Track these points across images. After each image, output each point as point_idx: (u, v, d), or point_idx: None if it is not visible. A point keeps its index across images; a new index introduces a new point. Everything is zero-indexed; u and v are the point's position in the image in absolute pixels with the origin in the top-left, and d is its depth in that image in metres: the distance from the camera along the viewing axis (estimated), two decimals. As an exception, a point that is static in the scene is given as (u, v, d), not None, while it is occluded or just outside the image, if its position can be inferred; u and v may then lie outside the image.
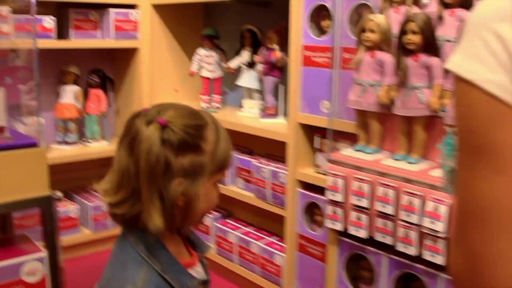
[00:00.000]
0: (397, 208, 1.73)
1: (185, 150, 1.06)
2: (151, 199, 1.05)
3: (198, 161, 1.07)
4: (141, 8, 3.05)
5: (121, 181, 1.08)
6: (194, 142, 1.07)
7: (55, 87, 3.11)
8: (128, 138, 1.08)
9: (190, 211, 1.10)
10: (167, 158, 1.04)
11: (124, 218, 1.10)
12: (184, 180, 1.06)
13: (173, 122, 1.06)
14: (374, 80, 1.82)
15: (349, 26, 2.07)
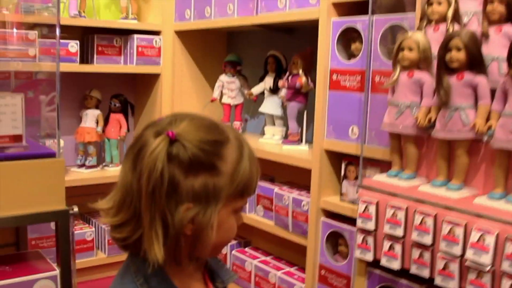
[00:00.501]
0: (436, 237, 1.51)
1: (197, 170, 0.84)
2: (152, 224, 0.84)
3: (213, 184, 0.86)
4: (164, 34, 2.89)
5: (123, 200, 0.88)
6: (209, 160, 0.85)
7: (77, 111, 2.94)
8: (134, 150, 0.88)
9: (200, 242, 0.88)
10: (174, 178, 0.83)
11: (125, 244, 0.90)
12: (194, 206, 0.85)
13: (185, 135, 0.85)
14: (411, 101, 1.61)
15: (381, 48, 1.89)
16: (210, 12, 2.65)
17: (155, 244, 0.83)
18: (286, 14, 2.25)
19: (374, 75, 1.90)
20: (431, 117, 1.56)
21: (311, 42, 2.34)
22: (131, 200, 0.86)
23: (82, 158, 2.89)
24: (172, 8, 2.89)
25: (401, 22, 1.82)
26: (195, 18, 2.75)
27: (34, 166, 1.76)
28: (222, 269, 1.04)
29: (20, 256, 2.03)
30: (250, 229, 2.63)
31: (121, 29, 2.85)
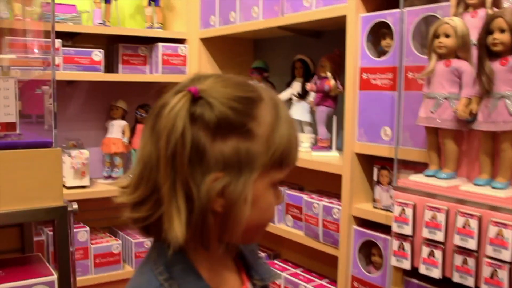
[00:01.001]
0: (481, 242, 1.33)
1: (227, 132, 0.70)
2: (173, 196, 0.69)
3: (246, 149, 0.71)
4: (190, 42, 2.79)
5: (142, 174, 0.73)
6: (241, 120, 0.71)
7: (103, 122, 2.86)
8: (152, 115, 0.74)
9: (232, 220, 0.72)
10: (199, 142, 0.69)
11: (145, 225, 0.75)
12: (224, 175, 0.70)
13: (210, 92, 0.71)
14: (449, 92, 1.45)
15: (413, 43, 1.73)
16: (235, 17, 2.54)
17: (176, 220, 0.69)
18: (312, 13, 2.12)
19: (407, 71, 1.75)
20: (472, 109, 1.39)
21: (339, 45, 2.19)
22: (150, 173, 0.72)
23: (108, 170, 2.80)
24: (197, 16, 2.79)
25: (435, 13, 1.66)
26: (220, 24, 2.64)
27: (27, 157, 1.57)
28: (262, 266, 0.88)
29: (17, 260, 1.84)
30: (279, 240, 2.47)
31: (146, 38, 2.76)
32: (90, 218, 2.84)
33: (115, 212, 2.42)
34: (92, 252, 2.57)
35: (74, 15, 2.58)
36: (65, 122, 2.79)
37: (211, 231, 0.73)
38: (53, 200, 1.60)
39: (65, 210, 1.62)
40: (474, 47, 1.43)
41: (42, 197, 1.58)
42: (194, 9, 2.79)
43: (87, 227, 2.57)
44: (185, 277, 0.74)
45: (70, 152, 2.55)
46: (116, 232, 2.86)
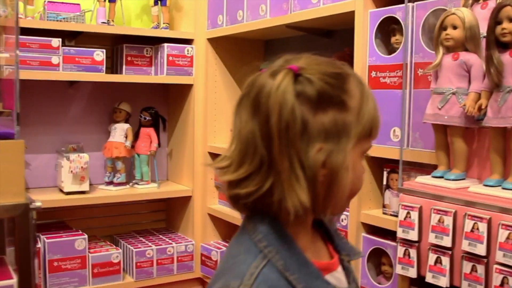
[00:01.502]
0: (491, 247, 1.29)
1: (326, 105, 0.79)
2: (291, 167, 0.78)
3: (343, 120, 0.80)
4: (196, 42, 2.80)
5: (245, 152, 0.81)
6: (337, 94, 0.80)
7: (105, 126, 2.87)
8: (250, 96, 0.81)
9: (335, 189, 0.81)
10: (303, 116, 0.77)
11: (249, 200, 0.81)
12: (325, 146, 0.79)
13: (308, 68, 0.79)
14: (457, 87, 1.42)
15: (423, 39, 1.70)
16: (242, 16, 2.54)
17: (297, 187, 0.77)
18: (320, 9, 2.11)
19: (416, 68, 1.72)
20: (481, 104, 1.36)
21: (350, 44, 2.17)
22: (255, 150, 0.80)
23: (110, 175, 2.80)
24: (204, 15, 2.80)
25: (445, 6, 1.64)
26: (228, 23, 2.64)
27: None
28: (346, 244, 0.95)
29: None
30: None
31: (152, 39, 2.78)
32: (90, 225, 2.85)
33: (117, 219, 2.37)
34: (90, 261, 2.57)
35: (77, 14, 2.61)
36: (65, 124, 2.81)
37: (319, 201, 0.81)
38: (13, 196, 1.55)
39: (27, 208, 1.57)
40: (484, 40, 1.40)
41: (1, 193, 1.54)
42: (202, 9, 2.80)
43: (85, 235, 2.56)
44: (282, 244, 0.81)
45: (68, 156, 2.56)
46: (117, 241, 2.86)
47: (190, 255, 2.82)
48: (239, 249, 0.83)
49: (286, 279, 0.78)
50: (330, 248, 0.92)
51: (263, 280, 0.77)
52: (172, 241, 2.85)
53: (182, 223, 2.97)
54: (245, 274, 0.78)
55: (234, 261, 0.82)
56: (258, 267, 0.78)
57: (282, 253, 0.80)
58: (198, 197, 2.84)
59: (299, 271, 0.80)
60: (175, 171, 3.04)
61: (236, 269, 0.80)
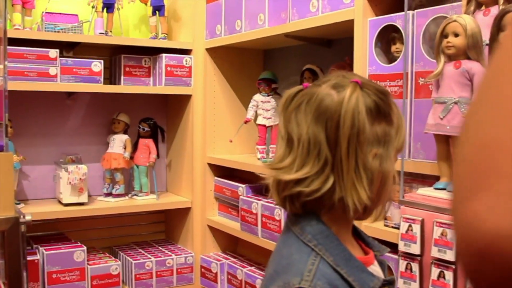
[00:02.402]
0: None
1: (379, 117, 0.90)
2: (356, 168, 0.87)
3: (389, 132, 0.91)
4: (195, 52, 2.76)
5: (307, 153, 0.89)
6: (387, 109, 0.91)
7: (104, 137, 2.82)
8: (312, 105, 0.90)
9: (383, 192, 0.92)
10: (365, 124, 0.87)
11: (310, 198, 0.89)
12: (378, 151, 0.89)
13: (366, 84, 0.90)
14: (459, 96, 1.37)
15: (424, 47, 1.66)
16: (241, 25, 2.50)
17: (359, 186, 0.86)
18: (319, 18, 2.06)
19: (417, 77, 1.67)
20: (484, 114, 1.30)
21: (350, 53, 2.13)
22: (319, 151, 0.88)
23: (109, 186, 2.75)
24: (203, 25, 2.76)
25: (446, 13, 1.59)
26: (226, 33, 2.60)
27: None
28: (373, 241, 1.03)
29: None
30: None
31: (150, 49, 2.74)
32: (89, 237, 2.80)
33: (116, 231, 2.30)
34: (89, 273, 2.51)
35: (75, 25, 2.57)
36: (64, 135, 2.77)
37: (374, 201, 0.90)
38: (3, 209, 1.50)
39: (17, 221, 1.51)
40: (487, 47, 1.35)
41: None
42: (200, 19, 2.76)
43: (84, 247, 2.51)
44: (329, 243, 0.89)
45: (67, 167, 2.52)
46: (116, 253, 2.81)
47: (189, 267, 2.77)
48: (290, 250, 0.90)
49: (338, 273, 0.86)
50: (362, 245, 1.00)
51: (321, 275, 0.85)
52: (171, 253, 2.79)
53: (182, 234, 2.92)
54: (303, 271, 0.85)
55: (288, 261, 0.89)
56: (314, 264, 0.86)
57: (330, 251, 0.88)
58: (197, 208, 2.78)
59: (347, 266, 0.88)
60: (174, 182, 2.99)
61: (293, 268, 0.87)
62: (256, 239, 2.41)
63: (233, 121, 2.81)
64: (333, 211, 0.90)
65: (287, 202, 0.92)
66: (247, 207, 2.45)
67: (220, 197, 2.77)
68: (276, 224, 2.29)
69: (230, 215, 2.72)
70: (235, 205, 2.63)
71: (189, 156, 2.81)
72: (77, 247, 2.52)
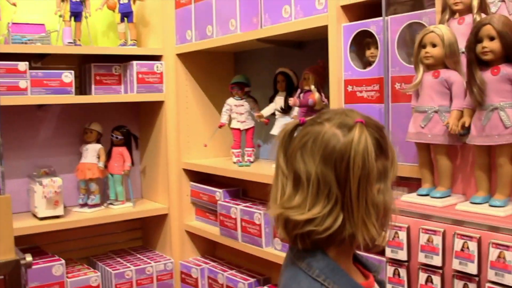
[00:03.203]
0: (482, 265, 1.27)
1: (380, 154, 0.93)
2: (366, 206, 0.89)
3: (386, 166, 0.94)
4: (166, 58, 2.73)
5: (316, 193, 0.91)
6: (385, 145, 0.94)
7: (77, 147, 2.77)
8: (318, 146, 0.91)
9: (387, 222, 0.96)
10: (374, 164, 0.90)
11: (323, 236, 0.91)
12: (380, 187, 0.92)
13: (367, 122, 0.92)
14: (439, 105, 1.39)
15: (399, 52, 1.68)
16: (212, 31, 2.48)
17: (369, 223, 0.89)
18: (292, 24, 2.07)
19: (394, 82, 1.70)
20: (464, 122, 1.34)
21: (322, 55, 2.14)
22: (329, 191, 0.90)
23: (84, 197, 2.71)
24: (172, 31, 2.73)
25: (420, 20, 1.62)
26: (197, 38, 2.58)
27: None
28: (368, 261, 1.05)
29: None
30: (268, 265, 2.40)
31: (119, 57, 2.70)
32: (66, 249, 2.75)
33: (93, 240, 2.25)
34: (68, 287, 2.48)
35: (42, 35, 2.51)
36: (36, 148, 2.71)
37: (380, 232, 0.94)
38: (2, 253, 1.46)
39: (17, 264, 1.47)
40: (463, 55, 1.38)
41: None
42: (169, 24, 2.73)
43: (62, 260, 2.47)
44: (336, 275, 0.92)
45: (41, 181, 2.46)
46: (94, 263, 2.77)
47: (169, 273, 2.76)
48: (300, 286, 0.93)
49: None
50: (361, 268, 1.03)
51: None
52: (150, 260, 2.77)
53: (160, 241, 2.90)
54: None
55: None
56: None
57: (338, 283, 0.91)
58: (174, 214, 2.77)
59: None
60: (150, 189, 2.96)
61: None
62: (236, 243, 2.42)
63: (206, 125, 2.80)
64: (342, 246, 0.93)
65: (298, 240, 0.93)
66: (226, 212, 2.45)
67: (197, 202, 2.76)
68: (256, 228, 2.30)
69: (208, 220, 2.71)
70: (212, 210, 2.63)
71: (164, 162, 2.79)
72: (55, 260, 2.48)
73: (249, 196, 2.64)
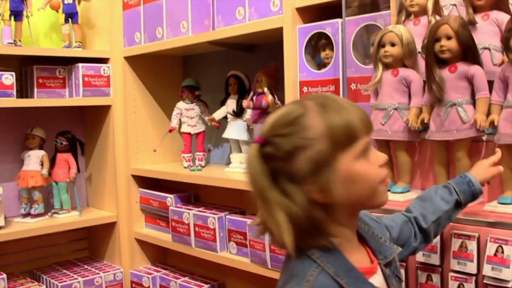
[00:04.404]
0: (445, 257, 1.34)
1: (294, 154, 0.92)
2: (272, 214, 0.92)
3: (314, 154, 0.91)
4: (113, 61, 2.70)
5: None
6: (297, 140, 0.92)
7: (18, 154, 2.68)
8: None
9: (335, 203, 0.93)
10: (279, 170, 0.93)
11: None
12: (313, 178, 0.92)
13: (266, 133, 0.95)
14: (399, 102, 1.46)
15: (354, 53, 1.75)
16: (162, 33, 2.48)
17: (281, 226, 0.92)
18: (246, 26, 2.10)
19: (350, 82, 1.76)
20: (423, 118, 1.41)
21: (274, 58, 2.19)
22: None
23: (26, 206, 2.62)
24: (120, 33, 2.70)
25: (375, 22, 1.69)
26: (146, 41, 2.57)
27: None
28: (383, 244, 1.06)
29: None
30: (223, 270, 2.41)
31: (64, 59, 2.64)
32: (6, 262, 2.65)
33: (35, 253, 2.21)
34: (12, 302, 2.40)
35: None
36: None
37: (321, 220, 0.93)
38: None
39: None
40: (419, 55, 1.46)
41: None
42: (117, 26, 2.70)
43: (3, 274, 2.38)
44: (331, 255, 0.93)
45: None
46: (38, 276, 2.69)
47: (119, 283, 2.71)
48: (295, 261, 0.94)
49: (338, 284, 0.91)
50: (370, 252, 1.04)
51: (319, 285, 0.90)
52: (98, 270, 2.72)
53: (108, 250, 2.85)
54: (301, 278, 0.91)
55: (292, 272, 0.94)
56: (313, 274, 0.91)
57: (332, 262, 0.92)
58: (123, 222, 2.73)
59: (347, 276, 0.92)
60: (96, 196, 2.91)
61: (295, 278, 0.92)
62: (189, 249, 2.41)
63: (155, 130, 2.79)
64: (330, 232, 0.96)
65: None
66: (178, 217, 2.44)
67: (146, 209, 2.74)
68: (210, 233, 2.30)
69: (158, 227, 2.70)
70: (163, 216, 2.62)
71: (111, 168, 2.75)
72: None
73: (201, 201, 2.64)
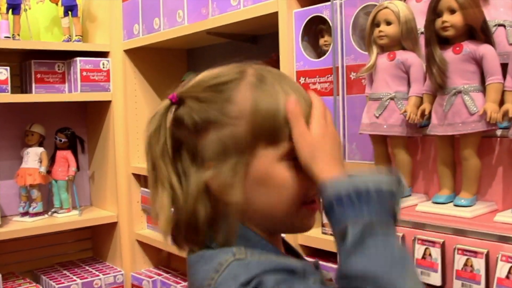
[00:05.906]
0: (447, 275, 1.08)
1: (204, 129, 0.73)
2: (157, 191, 0.78)
3: (227, 137, 0.71)
4: (112, 55, 2.51)
5: None
6: (213, 113, 0.72)
7: (17, 151, 2.52)
8: None
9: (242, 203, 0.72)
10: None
11: None
12: (216, 163, 0.72)
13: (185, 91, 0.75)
14: (395, 91, 1.20)
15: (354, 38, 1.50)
16: (159, 24, 2.27)
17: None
18: (241, 12, 1.87)
19: (349, 71, 1.51)
20: (424, 109, 1.15)
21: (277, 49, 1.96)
22: None
23: (25, 205, 2.46)
24: (120, 26, 2.51)
25: (376, 2, 1.43)
26: (144, 32, 2.36)
27: None
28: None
29: None
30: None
31: (64, 53, 2.47)
32: (6, 261, 2.50)
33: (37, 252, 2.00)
34: (5, 304, 2.23)
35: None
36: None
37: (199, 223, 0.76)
38: None
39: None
40: (422, 36, 1.20)
41: None
42: (117, 18, 2.51)
43: (-1, 274, 2.23)
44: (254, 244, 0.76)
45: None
46: (38, 277, 2.53)
47: (120, 286, 2.52)
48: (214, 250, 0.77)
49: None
50: None
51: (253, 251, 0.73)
52: (99, 272, 2.54)
53: (110, 251, 2.66)
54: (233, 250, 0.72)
55: (211, 253, 0.75)
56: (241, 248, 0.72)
57: (255, 249, 0.73)
58: (124, 222, 2.54)
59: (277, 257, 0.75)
60: (99, 195, 2.72)
61: (220, 253, 0.73)
62: (189, 252, 2.20)
63: (158, 126, 2.58)
64: None
65: None
66: (178, 218, 2.23)
67: (148, 209, 2.54)
68: (208, 235, 2.08)
69: (160, 228, 2.49)
70: (165, 217, 2.41)
71: (112, 166, 2.56)
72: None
73: (204, 200, 2.43)
